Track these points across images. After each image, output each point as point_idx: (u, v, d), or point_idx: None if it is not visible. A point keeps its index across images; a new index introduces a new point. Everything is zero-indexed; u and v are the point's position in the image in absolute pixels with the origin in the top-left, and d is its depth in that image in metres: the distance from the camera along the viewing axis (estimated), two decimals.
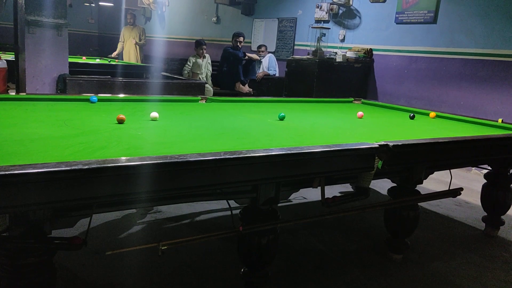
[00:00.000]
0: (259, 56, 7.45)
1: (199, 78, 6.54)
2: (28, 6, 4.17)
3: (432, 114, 3.61)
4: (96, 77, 4.99)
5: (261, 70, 7.34)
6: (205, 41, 6.85)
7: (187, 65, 6.57)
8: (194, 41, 6.87)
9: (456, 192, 2.71)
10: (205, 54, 6.70)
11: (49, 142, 1.81)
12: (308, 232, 3.07)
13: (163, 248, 1.70)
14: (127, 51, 9.01)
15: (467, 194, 4.04)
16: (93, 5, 12.80)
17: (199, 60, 6.58)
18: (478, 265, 2.78)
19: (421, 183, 2.59)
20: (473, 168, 5.04)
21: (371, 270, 2.61)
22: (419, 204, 2.69)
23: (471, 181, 4.68)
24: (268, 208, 2.01)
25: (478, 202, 3.37)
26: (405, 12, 6.06)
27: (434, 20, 5.75)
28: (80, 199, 1.38)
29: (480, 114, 4.47)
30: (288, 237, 2.94)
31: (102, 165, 1.37)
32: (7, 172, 1.22)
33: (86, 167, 1.33)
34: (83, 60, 7.21)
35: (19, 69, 4.23)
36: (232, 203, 1.98)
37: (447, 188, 2.75)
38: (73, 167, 1.32)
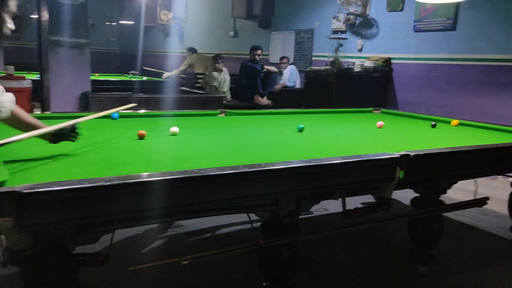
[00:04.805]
0: (281, 68, 7.49)
1: (221, 91, 6.65)
2: (51, 27, 4.30)
3: (454, 122, 3.54)
4: (117, 93, 5.09)
5: (282, 82, 7.37)
6: (224, 55, 6.97)
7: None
8: (213, 55, 7.01)
9: (482, 201, 2.64)
10: (222, 68, 6.82)
11: (72, 159, 1.85)
12: (330, 244, 3.03)
13: (184, 263, 1.70)
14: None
15: (494, 203, 3.90)
16: (114, 23, 13.14)
17: (215, 73, 6.71)
18: (506, 276, 2.69)
19: (445, 192, 2.53)
20: (499, 176, 4.90)
21: (396, 282, 2.55)
22: (443, 214, 2.63)
23: (497, 189, 4.54)
24: (288, 220, 2.00)
25: (505, 211, 3.28)
26: (423, 20, 6.01)
27: (453, 27, 5.68)
28: (102, 215, 1.40)
29: (504, 121, 4.35)
30: (309, 249, 2.91)
31: (124, 181, 1.39)
32: (33, 190, 1.25)
33: (108, 183, 1.35)
34: (96, 76, 7.30)
35: (43, 89, 4.35)
36: (253, 216, 1.98)
37: (473, 198, 2.68)
38: (95, 184, 1.34)
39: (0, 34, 1.57)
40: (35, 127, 1.80)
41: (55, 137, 1.87)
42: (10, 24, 1.58)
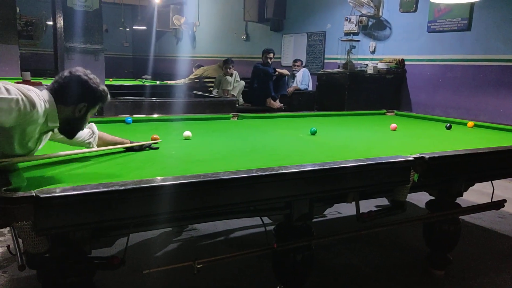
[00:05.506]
0: (294, 71, 7.49)
1: (230, 94, 6.67)
2: (66, 33, 4.38)
3: (470, 123, 3.49)
4: (131, 98, 5.14)
5: (294, 84, 7.37)
6: (236, 59, 7.02)
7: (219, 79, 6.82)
8: (224, 59, 7.06)
9: (499, 204, 2.60)
10: (233, 72, 6.87)
11: (87, 164, 1.88)
12: (343, 247, 3.01)
13: (198, 266, 1.71)
14: None
15: (511, 206, 3.85)
16: (128, 29, 13.30)
17: (228, 77, 6.75)
18: None
19: (461, 195, 2.50)
20: None
21: (411, 286, 2.52)
22: (460, 217, 2.59)
23: None
24: (302, 224, 1.99)
25: None
26: (438, 21, 5.95)
27: (468, 28, 5.62)
28: (117, 219, 1.42)
29: None
30: (323, 252, 2.90)
31: (138, 186, 1.40)
32: (50, 195, 1.27)
33: (123, 187, 1.37)
34: (110, 81, 7.40)
35: None
36: (266, 220, 1.98)
37: (490, 200, 2.64)
38: (110, 188, 1.36)
39: (78, 129, 1.80)
40: (117, 143, 2.12)
41: (132, 150, 2.14)
42: (87, 124, 1.85)
